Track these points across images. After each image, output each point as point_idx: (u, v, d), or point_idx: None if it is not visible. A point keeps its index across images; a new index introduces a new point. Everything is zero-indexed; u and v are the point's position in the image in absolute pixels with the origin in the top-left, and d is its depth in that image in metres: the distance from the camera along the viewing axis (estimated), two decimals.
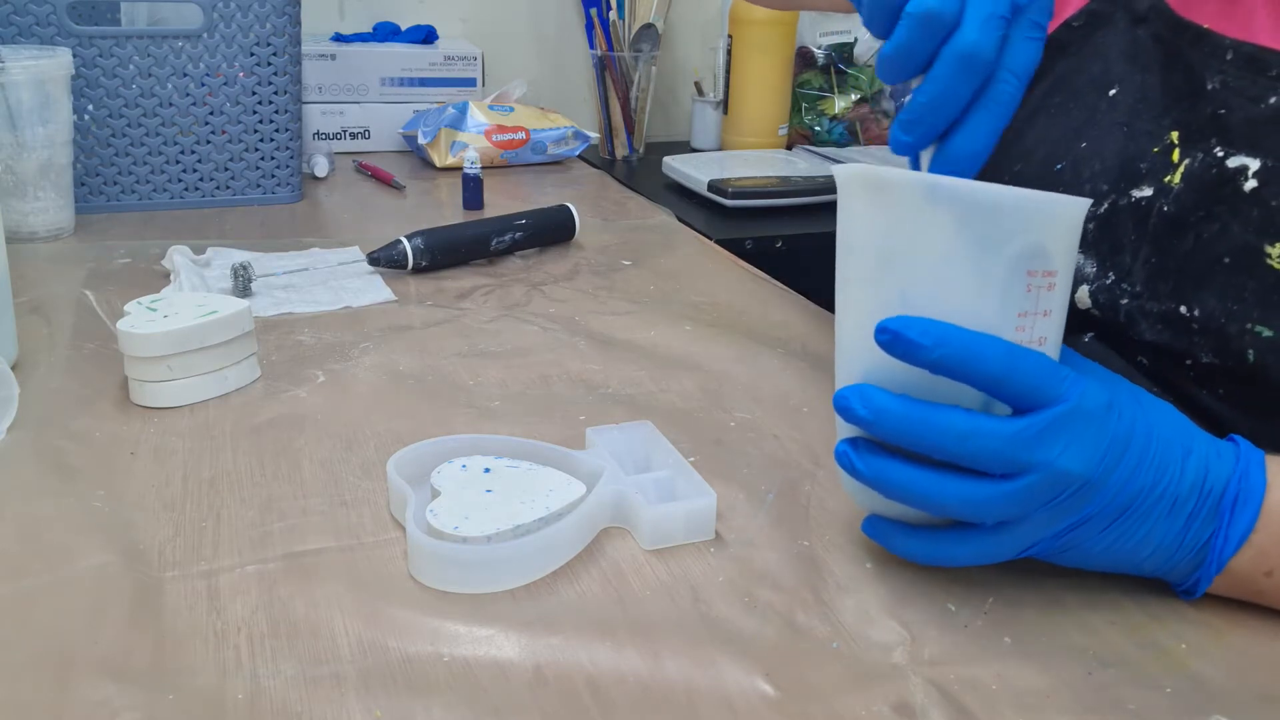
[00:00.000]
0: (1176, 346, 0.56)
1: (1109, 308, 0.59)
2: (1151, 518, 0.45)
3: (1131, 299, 0.57)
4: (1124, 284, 0.58)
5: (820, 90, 1.57)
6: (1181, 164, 0.55)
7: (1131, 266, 0.58)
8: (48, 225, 0.96)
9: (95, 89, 1.03)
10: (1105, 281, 0.59)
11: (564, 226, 0.99)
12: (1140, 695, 0.43)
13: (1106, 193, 0.58)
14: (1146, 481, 0.44)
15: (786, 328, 0.81)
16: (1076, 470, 0.43)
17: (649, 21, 1.43)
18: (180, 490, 0.56)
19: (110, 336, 0.73)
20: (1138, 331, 0.57)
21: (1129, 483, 0.44)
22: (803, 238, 1.17)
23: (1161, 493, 0.44)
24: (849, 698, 0.42)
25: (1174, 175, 0.55)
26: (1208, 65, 0.56)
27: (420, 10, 1.49)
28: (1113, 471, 0.43)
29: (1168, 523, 0.45)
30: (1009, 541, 0.46)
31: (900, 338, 0.43)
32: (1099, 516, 0.44)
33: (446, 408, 0.66)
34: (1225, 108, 0.55)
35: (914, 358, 0.43)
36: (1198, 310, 0.54)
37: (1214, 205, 0.54)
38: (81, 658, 0.43)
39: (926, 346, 0.42)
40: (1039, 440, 0.42)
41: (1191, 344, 0.55)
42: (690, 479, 0.54)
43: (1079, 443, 0.43)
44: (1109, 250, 0.59)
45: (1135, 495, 0.44)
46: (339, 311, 0.81)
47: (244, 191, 1.10)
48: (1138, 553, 0.46)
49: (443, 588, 0.48)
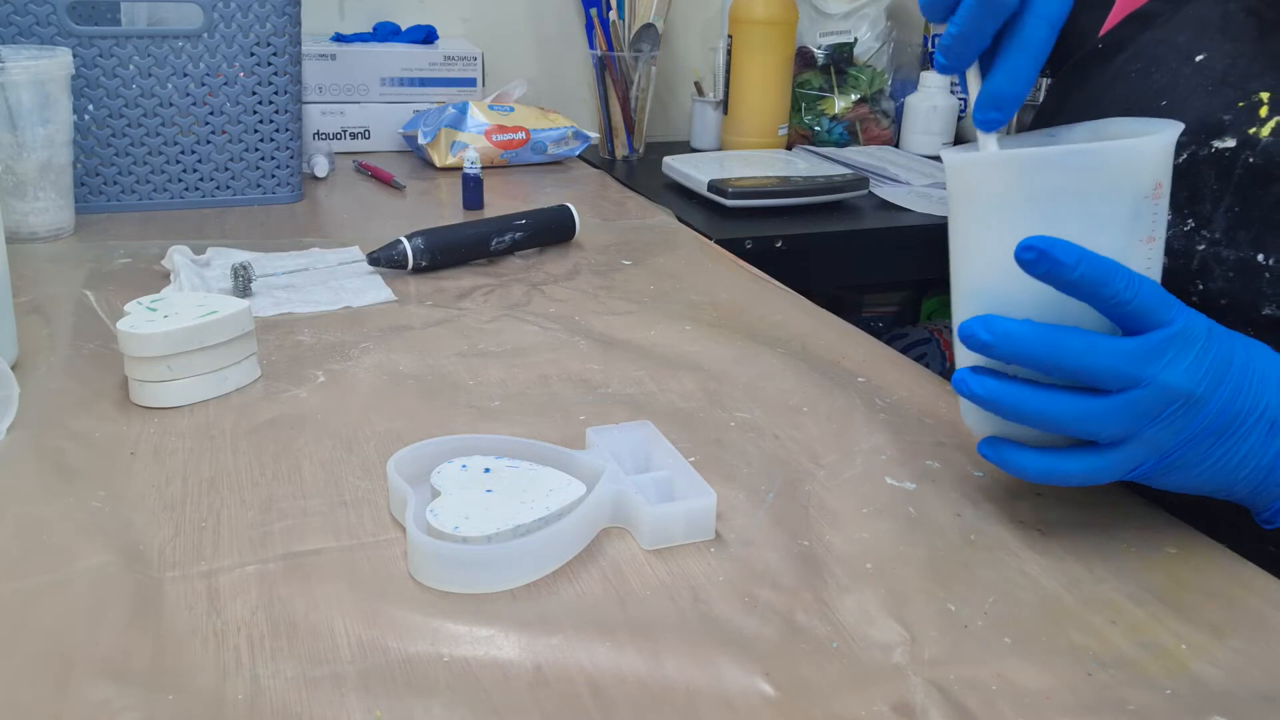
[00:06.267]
0: (1244, 296, 0.58)
1: (1182, 254, 0.61)
2: (1252, 437, 0.47)
3: (1209, 245, 0.59)
4: (1204, 230, 0.60)
5: (820, 90, 1.57)
6: (1272, 119, 0.57)
7: (1212, 215, 0.60)
8: (48, 225, 0.96)
9: (95, 89, 1.03)
10: (1183, 228, 0.61)
11: (564, 226, 0.99)
12: (1140, 695, 0.43)
13: (1186, 144, 0.60)
14: (1247, 403, 0.47)
15: (786, 328, 0.81)
16: (1184, 386, 0.46)
17: (649, 21, 1.43)
18: (180, 490, 0.56)
19: (110, 336, 0.73)
20: (1209, 277, 0.59)
21: (1231, 402, 0.47)
22: (803, 238, 1.17)
23: (1261, 413, 0.47)
24: (849, 698, 0.42)
25: (1262, 129, 0.58)
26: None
27: (420, 10, 1.49)
28: (1216, 389, 0.46)
29: (1267, 443, 0.47)
30: (1121, 459, 0.48)
31: (1046, 255, 0.45)
32: (1203, 435, 0.47)
33: (446, 408, 0.66)
34: None
35: (1055, 275, 0.46)
36: (1273, 259, 0.57)
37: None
38: (81, 658, 0.43)
39: (1069, 264, 0.45)
40: (1150, 356, 0.46)
41: (1260, 294, 0.57)
42: (690, 479, 0.54)
43: (1186, 360, 0.46)
44: (1187, 199, 0.61)
45: (1236, 415, 0.47)
46: (339, 311, 0.81)
47: (244, 191, 1.10)
48: (1237, 473, 0.48)
49: (443, 588, 0.48)
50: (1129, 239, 0.48)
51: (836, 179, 1.25)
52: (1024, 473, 0.50)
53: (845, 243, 1.18)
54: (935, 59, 0.54)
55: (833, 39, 1.59)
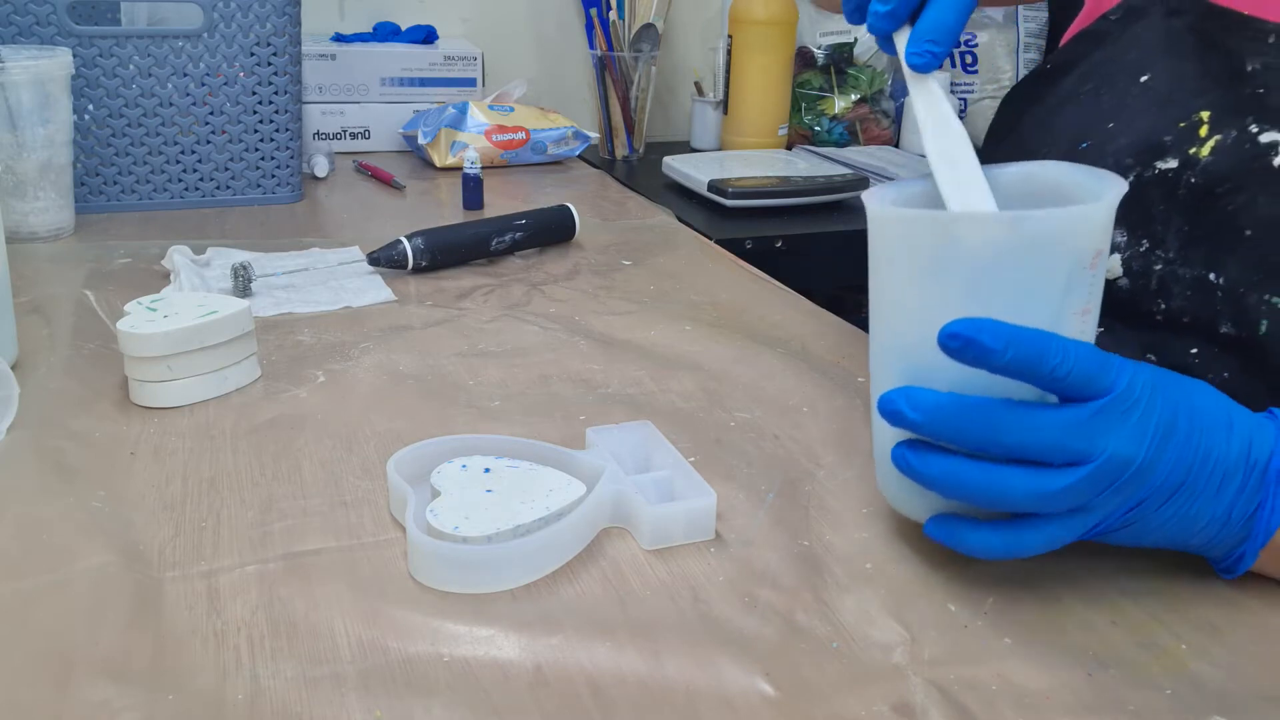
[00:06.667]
0: (1201, 315, 0.57)
1: (1141, 274, 0.60)
2: (1203, 493, 0.46)
3: (1165, 265, 0.58)
4: (1158, 250, 0.59)
5: (820, 90, 1.57)
6: (1211, 139, 0.57)
7: (1165, 235, 0.59)
8: (48, 225, 0.96)
9: (95, 89, 1.03)
10: (1139, 249, 0.60)
11: (564, 226, 0.99)
12: (1140, 696, 0.43)
13: (1131, 166, 0.60)
14: (1197, 457, 0.45)
15: (786, 328, 0.81)
16: (1131, 454, 0.44)
17: (649, 21, 1.43)
18: (180, 490, 0.56)
19: (110, 336, 0.73)
20: (1169, 296, 0.58)
21: (1180, 460, 0.45)
22: (803, 238, 1.17)
23: (1211, 468, 0.45)
24: (849, 698, 0.42)
25: (1201, 149, 0.57)
26: (1248, 49, 0.58)
27: (420, 10, 1.49)
28: (1163, 451, 0.44)
29: (1218, 497, 0.46)
30: (1076, 525, 0.46)
31: (973, 343, 0.43)
32: (1155, 495, 0.45)
33: (446, 408, 0.66)
34: (1265, 88, 0.57)
35: (984, 361, 0.43)
36: (1223, 278, 0.56)
37: (1243, 178, 0.55)
38: (81, 658, 0.43)
39: (997, 350, 0.43)
40: (1094, 429, 0.43)
41: (1215, 312, 0.56)
42: (690, 479, 0.54)
43: (1129, 426, 0.44)
44: (1139, 220, 0.60)
45: (1188, 470, 0.45)
46: (339, 311, 0.81)
47: (244, 191, 1.10)
48: (1190, 527, 0.47)
49: (443, 588, 0.48)
50: (1062, 311, 0.45)
51: (836, 179, 1.25)
52: (988, 553, 0.47)
53: (845, 243, 1.18)
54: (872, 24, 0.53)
55: (833, 39, 1.59)
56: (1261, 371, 0.55)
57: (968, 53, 1.63)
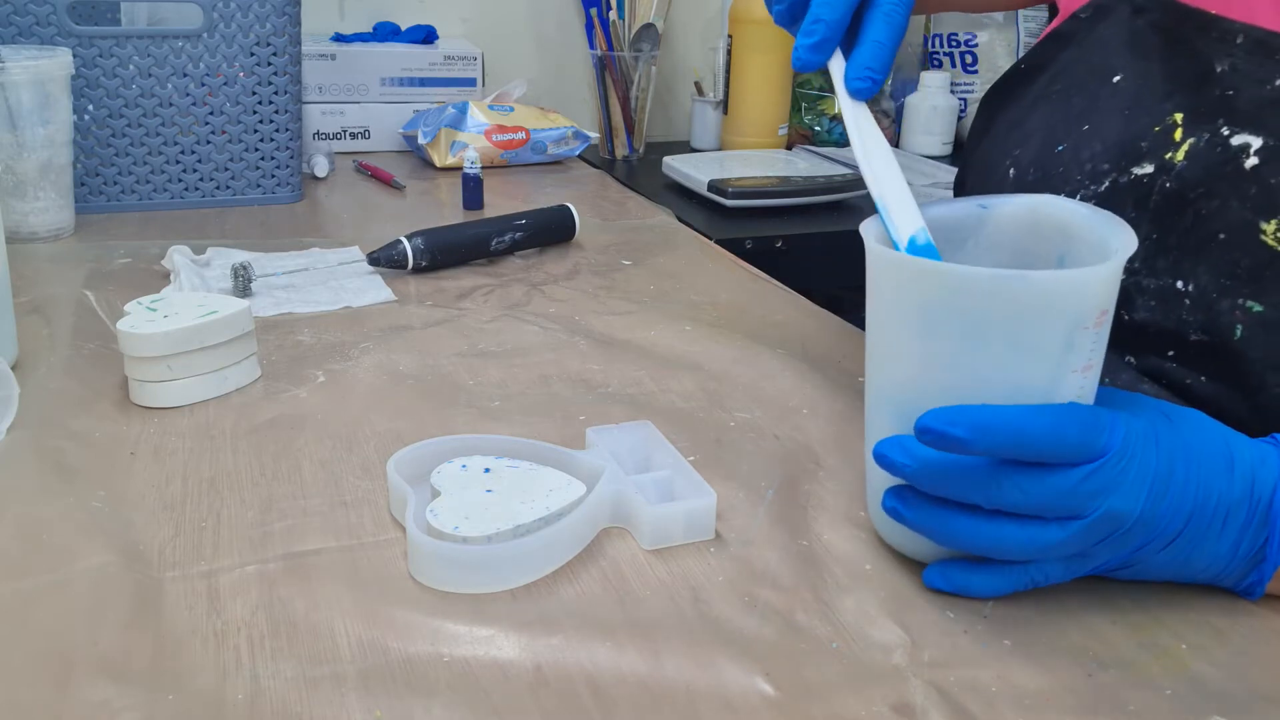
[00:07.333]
0: (1167, 325, 0.56)
1: None
2: (1206, 535, 0.46)
3: (1130, 275, 0.58)
4: None
5: (820, 90, 1.57)
6: (1185, 143, 0.56)
7: None
8: (48, 225, 0.96)
9: (95, 89, 1.03)
10: None
11: (564, 226, 0.99)
12: (1140, 696, 0.43)
13: (1107, 171, 0.59)
14: (1197, 503, 0.45)
15: (786, 328, 0.81)
16: (1129, 509, 0.44)
17: (649, 21, 1.43)
18: (180, 490, 0.56)
19: (110, 336, 0.73)
20: (1132, 308, 0.58)
21: (1178, 509, 0.45)
22: (803, 238, 1.17)
23: (1213, 510, 0.45)
24: (848, 698, 0.42)
25: (1177, 153, 0.56)
26: (1217, 49, 0.57)
27: (420, 10, 1.49)
28: (1161, 501, 0.44)
29: (1222, 536, 0.46)
30: (1075, 568, 0.47)
31: (945, 437, 0.43)
32: (1155, 541, 0.45)
33: (446, 408, 0.66)
34: (1233, 89, 0.56)
35: (961, 453, 0.43)
36: (1192, 285, 0.55)
37: (1215, 182, 0.55)
38: (81, 658, 0.43)
39: (971, 442, 0.43)
40: (1090, 492, 0.43)
41: (1182, 321, 0.56)
42: (690, 479, 0.54)
43: (1126, 484, 0.44)
44: None
45: (1187, 519, 0.45)
46: (339, 311, 0.81)
47: (244, 191, 1.10)
48: (1194, 565, 0.47)
49: (443, 588, 0.48)
50: (1061, 369, 0.44)
51: (836, 179, 1.25)
52: (995, 593, 0.48)
53: (845, 243, 1.17)
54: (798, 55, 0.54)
55: None
56: (1237, 376, 0.54)
57: (968, 53, 1.63)
